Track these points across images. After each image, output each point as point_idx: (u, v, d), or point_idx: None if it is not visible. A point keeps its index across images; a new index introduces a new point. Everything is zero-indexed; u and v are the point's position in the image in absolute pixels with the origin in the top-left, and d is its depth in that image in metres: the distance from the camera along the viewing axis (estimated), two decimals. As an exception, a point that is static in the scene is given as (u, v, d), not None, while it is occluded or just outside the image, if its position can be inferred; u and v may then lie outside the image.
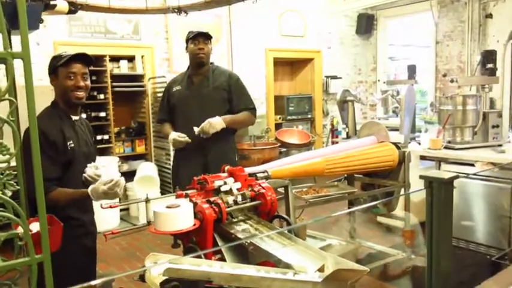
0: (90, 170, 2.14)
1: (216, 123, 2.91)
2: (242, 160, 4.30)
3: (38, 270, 1.17)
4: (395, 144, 2.98)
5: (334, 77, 7.43)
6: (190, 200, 1.93)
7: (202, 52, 3.07)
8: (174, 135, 3.01)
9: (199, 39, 3.08)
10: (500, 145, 3.83)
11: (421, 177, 1.16)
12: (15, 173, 1.12)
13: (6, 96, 1.07)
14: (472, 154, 3.65)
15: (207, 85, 3.10)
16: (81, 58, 2.10)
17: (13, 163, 1.17)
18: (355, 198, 2.95)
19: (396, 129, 4.19)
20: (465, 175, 3.52)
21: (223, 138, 3.03)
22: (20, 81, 1.19)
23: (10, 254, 1.33)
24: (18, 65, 1.05)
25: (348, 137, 4.89)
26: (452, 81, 3.81)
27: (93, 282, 1.27)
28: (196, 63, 3.12)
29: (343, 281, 1.52)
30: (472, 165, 3.64)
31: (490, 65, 4.17)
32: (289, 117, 6.92)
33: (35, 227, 1.25)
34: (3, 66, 1.08)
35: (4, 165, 1.12)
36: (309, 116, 7.21)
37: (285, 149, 5.48)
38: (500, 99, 5.79)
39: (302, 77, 7.62)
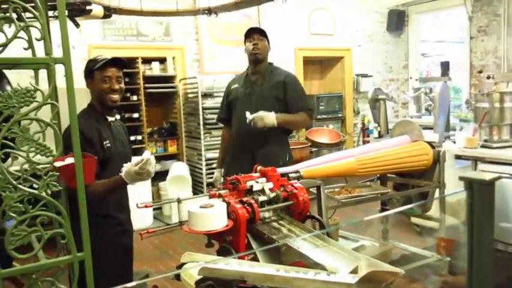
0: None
1: (267, 117, 2.83)
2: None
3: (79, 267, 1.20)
4: (429, 143, 2.92)
5: (364, 75, 7.34)
6: (224, 200, 1.95)
7: (256, 48, 3.03)
8: (217, 174, 3.21)
9: (253, 36, 3.05)
10: (540, 144, 3.69)
11: (460, 178, 1.13)
12: (58, 173, 1.16)
13: (49, 100, 1.11)
14: (511, 153, 3.53)
15: (263, 84, 3.07)
16: (116, 62, 2.16)
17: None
18: (388, 199, 2.91)
19: (430, 128, 4.10)
20: (509, 175, 3.40)
21: (274, 140, 2.99)
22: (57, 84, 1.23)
23: (51, 252, 1.37)
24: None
25: (380, 136, 4.82)
26: (488, 77, 3.70)
27: (132, 283, 1.30)
28: (252, 60, 3.09)
29: (377, 283, 1.50)
30: (511, 164, 3.52)
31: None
32: (319, 117, 6.88)
33: (69, 160, 1.28)
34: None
35: (47, 166, 1.15)
36: (340, 115, 7.14)
37: (315, 149, 5.45)
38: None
39: (332, 75, 7.56)
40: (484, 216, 1.11)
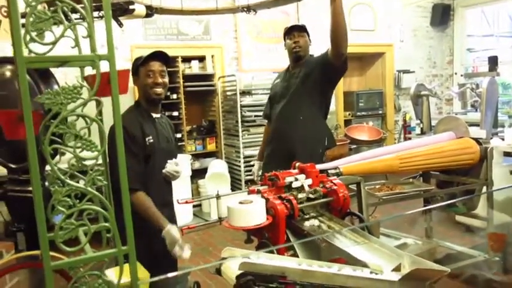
0: (170, 166, 2.25)
1: None
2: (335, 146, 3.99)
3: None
4: (476, 139, 2.81)
5: (406, 71, 7.15)
6: (262, 196, 1.95)
7: (297, 45, 3.01)
8: (256, 166, 3.26)
9: (294, 33, 3.04)
10: None
11: None
12: (103, 168, 1.20)
13: (94, 96, 1.14)
14: None
15: (297, 76, 3.03)
16: (159, 56, 2.22)
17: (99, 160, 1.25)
18: (432, 197, 2.82)
19: (476, 125, 3.95)
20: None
21: (311, 128, 2.95)
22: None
23: (97, 246, 1.42)
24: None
25: (423, 133, 4.68)
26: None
27: (170, 275, 1.32)
28: (294, 57, 3.07)
29: (421, 281, 1.46)
30: None
31: None
32: (358, 114, 6.77)
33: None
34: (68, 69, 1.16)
35: (93, 161, 1.19)
36: (380, 112, 7.00)
37: (354, 146, 5.37)
38: None
39: (372, 71, 7.41)
40: None
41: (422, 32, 7.40)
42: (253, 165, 3.45)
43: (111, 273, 1.29)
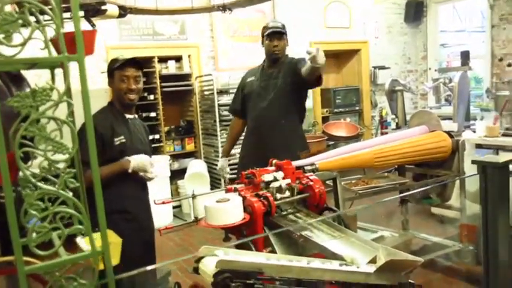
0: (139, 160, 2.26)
1: (323, 55, 2.74)
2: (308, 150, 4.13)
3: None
4: (448, 132, 2.88)
5: (382, 67, 7.25)
6: (240, 195, 1.96)
7: (277, 50, 3.09)
8: (221, 162, 3.23)
9: (274, 37, 3.09)
10: None
11: (473, 162, 1.12)
12: (75, 171, 1.19)
13: (64, 98, 1.13)
14: (533, 141, 3.45)
15: (277, 77, 3.10)
16: (133, 62, 2.23)
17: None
18: (407, 190, 2.88)
19: (449, 118, 4.04)
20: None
21: (289, 131, 3.03)
22: (73, 85, 1.26)
23: (74, 251, 1.41)
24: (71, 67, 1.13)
25: (398, 127, 4.77)
26: (509, 65, 3.62)
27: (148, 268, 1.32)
28: (272, 59, 3.15)
29: (396, 272, 1.50)
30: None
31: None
32: (336, 110, 6.83)
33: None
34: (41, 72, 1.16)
35: (64, 164, 1.18)
36: (357, 108, 7.08)
37: (332, 142, 5.43)
38: None
39: (348, 68, 7.49)
40: (498, 199, 1.10)
41: (397, 28, 7.51)
42: (236, 164, 3.48)
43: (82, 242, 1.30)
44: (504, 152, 3.58)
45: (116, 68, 2.23)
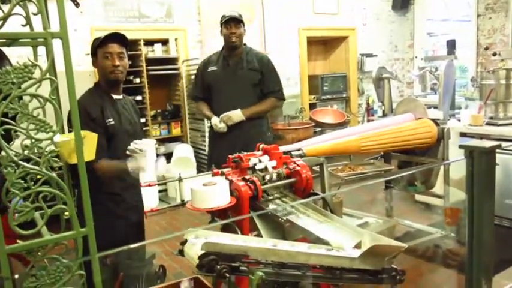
0: (133, 145, 2.22)
1: (234, 116, 3.09)
2: (276, 140, 4.31)
3: (85, 244, 1.21)
4: (433, 120, 2.90)
5: (369, 55, 7.26)
6: (226, 178, 1.95)
7: (234, 36, 3.17)
8: (215, 120, 3.18)
9: (230, 23, 3.17)
10: (546, 120, 3.65)
11: (460, 146, 1.13)
12: (58, 149, 1.16)
13: (47, 75, 1.10)
14: (516, 130, 3.50)
15: (242, 67, 3.21)
16: (117, 38, 2.18)
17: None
18: (392, 176, 2.90)
19: (435, 107, 4.06)
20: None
21: (253, 120, 3.17)
22: (58, 65, 1.23)
23: (58, 230, 1.38)
24: (56, 49, 1.09)
25: (384, 115, 4.77)
26: (494, 54, 3.65)
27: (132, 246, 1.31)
28: (230, 46, 3.22)
29: (380, 257, 1.51)
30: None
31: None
32: (323, 97, 6.84)
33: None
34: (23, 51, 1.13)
35: (48, 142, 1.15)
36: (344, 95, 7.10)
37: (319, 129, 5.45)
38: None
39: (336, 55, 7.49)
40: (484, 184, 1.11)
41: (385, 15, 7.51)
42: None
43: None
44: (488, 141, 3.61)
45: (98, 45, 2.17)
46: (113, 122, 2.16)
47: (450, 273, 2.58)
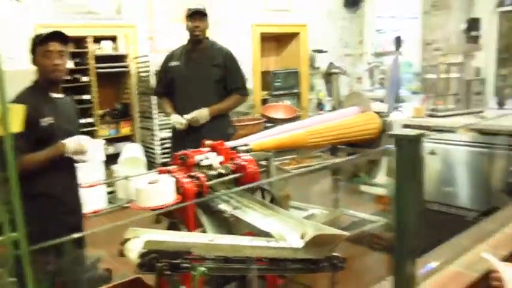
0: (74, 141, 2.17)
1: (201, 116, 3.06)
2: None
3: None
4: (378, 113, 2.99)
5: (320, 51, 7.39)
6: (172, 176, 1.93)
7: (198, 30, 3.16)
8: (175, 118, 3.13)
9: (195, 16, 3.16)
10: (481, 111, 3.86)
11: (390, 135, 1.19)
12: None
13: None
14: (454, 121, 3.68)
15: (205, 63, 3.20)
16: (57, 36, 2.11)
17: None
18: (339, 169, 2.98)
19: (382, 100, 4.20)
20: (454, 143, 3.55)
21: (220, 115, 3.18)
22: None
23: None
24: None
25: (334, 109, 4.89)
26: (437, 49, 3.81)
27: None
28: (194, 40, 3.21)
29: (323, 247, 1.55)
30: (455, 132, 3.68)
31: (474, 33, 4.17)
32: (275, 93, 6.90)
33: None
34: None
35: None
36: (296, 91, 7.19)
37: (271, 124, 5.49)
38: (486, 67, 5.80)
39: (288, 51, 7.57)
40: (411, 170, 1.17)
41: (336, 13, 7.66)
42: (169, 148, 3.49)
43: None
44: (429, 132, 3.79)
45: (38, 43, 2.10)
46: (52, 121, 2.10)
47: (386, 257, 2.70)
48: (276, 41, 7.57)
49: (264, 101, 6.83)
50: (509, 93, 4.56)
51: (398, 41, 5.91)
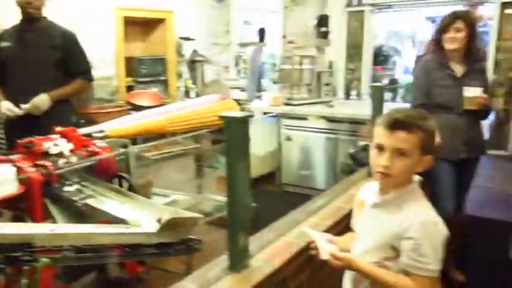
0: None
1: (41, 103, 2.78)
2: (88, 124, 4.09)
3: None
4: (237, 101, 3.11)
5: (187, 39, 7.36)
6: (15, 166, 1.79)
7: (30, 6, 2.79)
8: (6, 105, 2.79)
9: None
10: (330, 101, 4.26)
11: (221, 117, 1.27)
12: None
13: None
14: (307, 109, 4.00)
15: (41, 44, 2.88)
16: None
17: None
18: (200, 154, 3.05)
19: (244, 89, 4.38)
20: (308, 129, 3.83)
21: (59, 101, 2.90)
22: None
23: None
24: None
25: (198, 97, 4.96)
26: (290, 42, 4.09)
27: None
28: (26, 17, 2.85)
29: (178, 230, 1.58)
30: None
31: (323, 29, 4.55)
32: (141, 79, 6.70)
33: None
34: None
35: None
36: (162, 78, 7.07)
37: (135, 112, 5.34)
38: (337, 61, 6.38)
39: (155, 37, 7.37)
40: (238, 149, 1.27)
41: (204, 1, 7.68)
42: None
43: None
44: (286, 120, 4.07)
45: None
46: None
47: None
48: (141, 26, 7.33)
49: (130, 88, 6.59)
50: (355, 85, 5.10)
51: (262, 33, 6.19)
